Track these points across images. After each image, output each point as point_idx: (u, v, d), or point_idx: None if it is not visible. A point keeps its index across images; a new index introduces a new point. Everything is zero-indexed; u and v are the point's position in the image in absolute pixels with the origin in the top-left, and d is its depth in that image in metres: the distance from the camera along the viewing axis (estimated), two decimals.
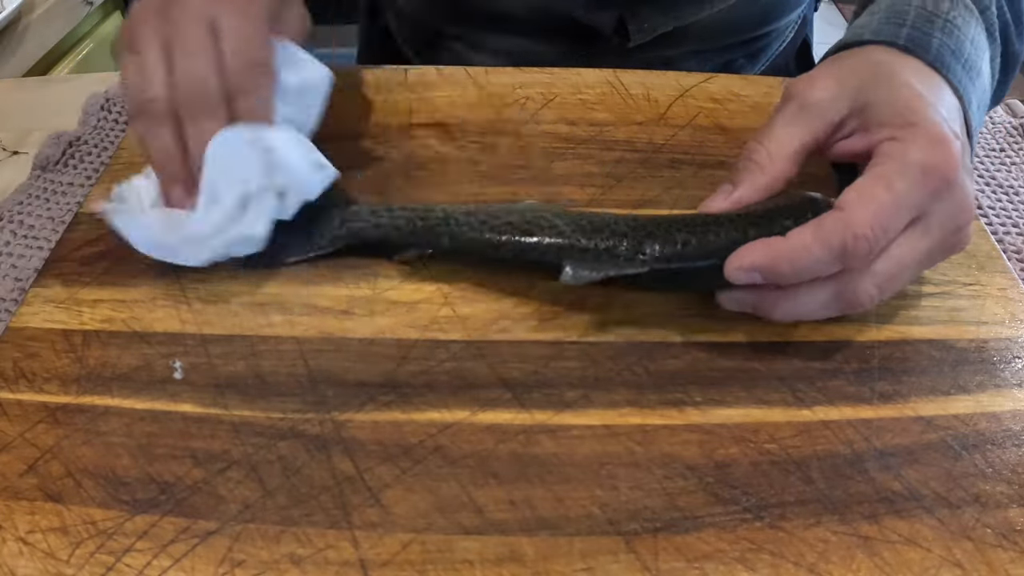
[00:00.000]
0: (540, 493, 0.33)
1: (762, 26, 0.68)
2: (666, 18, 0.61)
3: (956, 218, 0.36)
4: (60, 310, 0.40)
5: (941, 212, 0.35)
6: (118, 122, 0.53)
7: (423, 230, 0.40)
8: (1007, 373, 0.37)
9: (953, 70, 0.38)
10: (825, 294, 0.35)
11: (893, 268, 0.35)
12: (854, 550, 0.31)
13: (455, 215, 0.40)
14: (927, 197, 0.34)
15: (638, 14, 0.60)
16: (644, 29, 0.61)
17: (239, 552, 0.31)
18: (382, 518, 0.32)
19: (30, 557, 0.30)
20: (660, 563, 0.30)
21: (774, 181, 0.38)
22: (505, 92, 0.53)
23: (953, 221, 0.36)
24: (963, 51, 0.39)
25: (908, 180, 0.34)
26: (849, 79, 0.38)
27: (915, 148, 0.35)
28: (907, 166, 0.34)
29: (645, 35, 0.61)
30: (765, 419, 0.35)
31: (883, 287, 0.35)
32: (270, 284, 0.41)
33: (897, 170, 0.34)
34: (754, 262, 0.34)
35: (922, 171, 0.34)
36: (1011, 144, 0.52)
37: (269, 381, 0.37)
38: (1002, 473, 0.33)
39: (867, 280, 0.35)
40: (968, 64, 0.39)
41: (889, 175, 0.34)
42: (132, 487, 0.33)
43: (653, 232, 0.37)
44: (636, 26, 0.61)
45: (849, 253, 0.33)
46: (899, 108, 0.36)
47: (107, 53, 1.22)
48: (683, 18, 0.62)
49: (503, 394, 0.36)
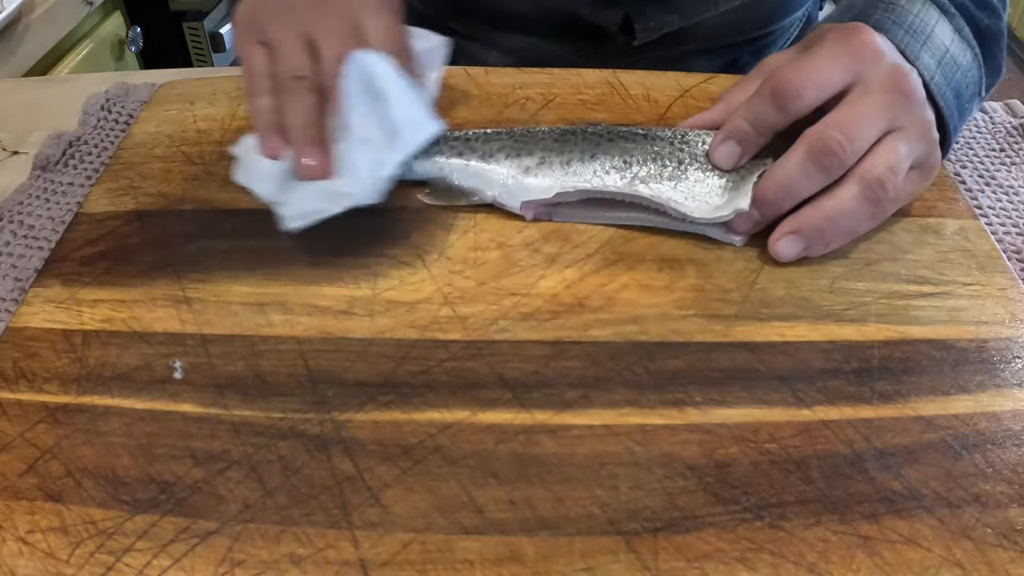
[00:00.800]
0: (540, 493, 0.33)
1: (768, 25, 0.68)
2: (671, 17, 0.61)
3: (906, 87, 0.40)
4: (60, 310, 0.40)
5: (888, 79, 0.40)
6: (118, 122, 0.53)
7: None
8: (1007, 373, 0.37)
9: (893, 32, 0.42)
10: (849, 189, 0.40)
11: (888, 156, 0.40)
12: (854, 550, 0.31)
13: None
14: (852, 62, 0.40)
15: (643, 13, 0.61)
16: (650, 28, 0.62)
17: (239, 552, 0.31)
18: (382, 518, 0.32)
19: (30, 557, 0.30)
20: (660, 563, 0.30)
21: (730, 105, 0.45)
22: (505, 92, 0.53)
23: (906, 91, 0.40)
24: (905, 20, 0.43)
25: (827, 47, 0.41)
26: (798, 46, 0.45)
27: (830, 33, 0.41)
28: (823, 41, 0.41)
29: (651, 34, 0.62)
30: (765, 419, 0.35)
31: (889, 166, 0.40)
32: (270, 284, 0.41)
33: (815, 43, 0.41)
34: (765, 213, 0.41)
35: (835, 41, 0.41)
36: (1011, 144, 0.52)
37: (269, 381, 0.37)
38: (1002, 473, 0.33)
39: (874, 163, 0.40)
40: (912, 29, 0.43)
41: (809, 44, 0.42)
42: (132, 487, 0.33)
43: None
44: (642, 24, 0.61)
45: (776, 92, 0.40)
46: (832, 35, 0.42)
47: (107, 53, 1.22)
48: (689, 17, 0.62)
49: (503, 394, 0.36)
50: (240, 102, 0.53)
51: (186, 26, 1.42)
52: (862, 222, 0.41)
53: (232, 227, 0.44)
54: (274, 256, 0.42)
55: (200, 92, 0.54)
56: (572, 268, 0.42)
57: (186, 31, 1.42)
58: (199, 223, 0.45)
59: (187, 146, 0.50)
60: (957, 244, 0.43)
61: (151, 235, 0.44)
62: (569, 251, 0.43)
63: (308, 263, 0.42)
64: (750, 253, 0.42)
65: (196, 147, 0.50)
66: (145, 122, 0.52)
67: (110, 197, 0.46)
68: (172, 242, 0.43)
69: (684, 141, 0.44)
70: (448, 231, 0.44)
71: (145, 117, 0.53)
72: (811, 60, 0.40)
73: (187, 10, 1.43)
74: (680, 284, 0.41)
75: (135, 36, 1.28)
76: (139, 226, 0.45)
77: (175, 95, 0.54)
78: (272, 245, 0.43)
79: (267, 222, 0.41)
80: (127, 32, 1.27)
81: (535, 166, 0.44)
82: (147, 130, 0.52)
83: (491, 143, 0.46)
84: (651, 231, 0.44)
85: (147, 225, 0.45)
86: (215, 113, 0.53)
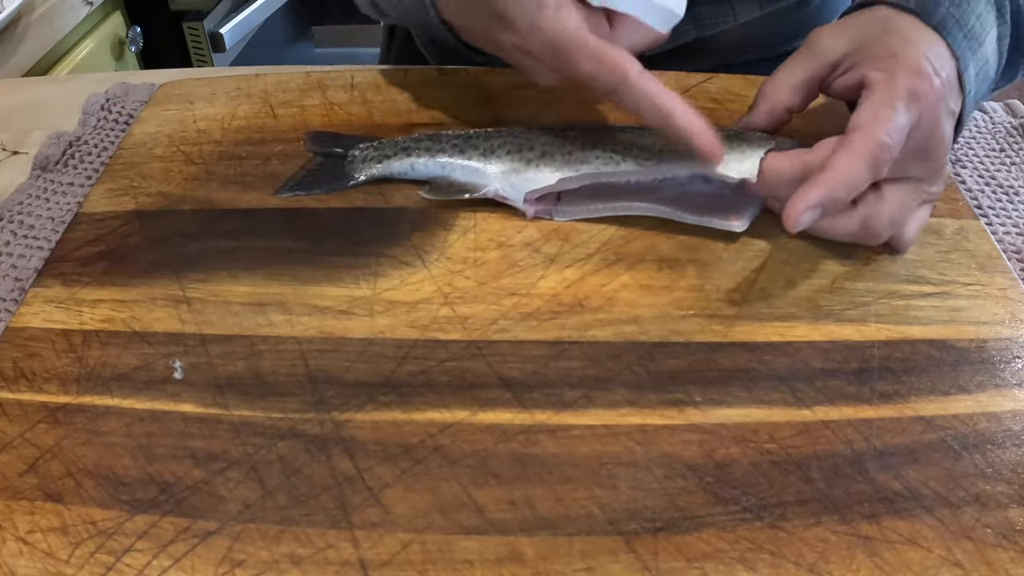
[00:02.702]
0: (540, 493, 0.33)
1: (792, 41, 0.65)
2: (686, 27, 0.60)
3: (938, 155, 0.40)
4: (60, 310, 0.40)
5: (925, 142, 0.40)
6: (118, 122, 0.53)
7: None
8: (1007, 373, 0.37)
9: (953, 35, 0.41)
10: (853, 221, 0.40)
11: (901, 194, 0.40)
12: (854, 550, 0.31)
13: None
14: (915, 121, 0.39)
15: None
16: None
17: (239, 552, 0.31)
18: (382, 518, 0.32)
19: (30, 557, 0.30)
20: (660, 563, 0.30)
21: (775, 107, 0.44)
22: (505, 92, 0.53)
23: (936, 157, 0.40)
24: (967, 22, 0.42)
25: (901, 101, 0.38)
26: (851, 28, 0.43)
27: (900, 76, 0.39)
28: (896, 90, 0.39)
29: (665, 44, 0.61)
30: (765, 419, 0.35)
31: (895, 215, 0.40)
32: (270, 284, 0.41)
33: (890, 93, 0.39)
34: (810, 201, 0.38)
35: (908, 95, 0.39)
36: (1011, 144, 0.52)
37: (269, 381, 0.37)
38: (1002, 473, 0.33)
39: (885, 207, 0.40)
40: (971, 35, 0.42)
41: (886, 96, 0.39)
42: (132, 487, 0.33)
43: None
44: None
45: (878, 161, 0.38)
46: (887, 46, 0.40)
47: (107, 53, 1.22)
48: (705, 28, 0.60)
49: (503, 394, 0.36)
50: (240, 102, 0.53)
51: (186, 26, 1.42)
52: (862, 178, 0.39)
53: (232, 227, 0.44)
54: (274, 256, 0.42)
55: (200, 92, 0.55)
56: (572, 268, 0.42)
57: (186, 31, 1.42)
58: (199, 223, 0.45)
59: (187, 146, 0.50)
60: (957, 244, 0.43)
61: (151, 235, 0.44)
62: (569, 251, 0.43)
63: (308, 263, 0.42)
64: (750, 253, 0.42)
65: (196, 147, 0.50)
66: (145, 122, 0.52)
67: (110, 197, 0.46)
68: (172, 242, 0.43)
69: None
70: (448, 231, 0.44)
71: (145, 117, 0.53)
72: (896, 119, 0.38)
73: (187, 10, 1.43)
74: (680, 284, 0.41)
75: (135, 36, 1.28)
76: (139, 226, 0.45)
77: (175, 95, 0.54)
78: (272, 245, 0.43)
79: (267, 222, 0.41)
80: (127, 32, 1.27)
81: (536, 158, 0.45)
82: (147, 130, 0.52)
83: (491, 140, 0.46)
84: (651, 231, 0.44)
85: (147, 225, 0.45)
86: (215, 113, 0.53)
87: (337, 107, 0.53)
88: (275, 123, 0.52)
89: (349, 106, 0.53)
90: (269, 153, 0.49)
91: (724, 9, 0.60)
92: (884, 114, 0.38)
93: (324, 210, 0.45)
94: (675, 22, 0.43)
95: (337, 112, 0.52)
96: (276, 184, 0.47)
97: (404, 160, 0.46)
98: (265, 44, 1.67)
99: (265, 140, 0.50)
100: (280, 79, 0.55)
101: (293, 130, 0.51)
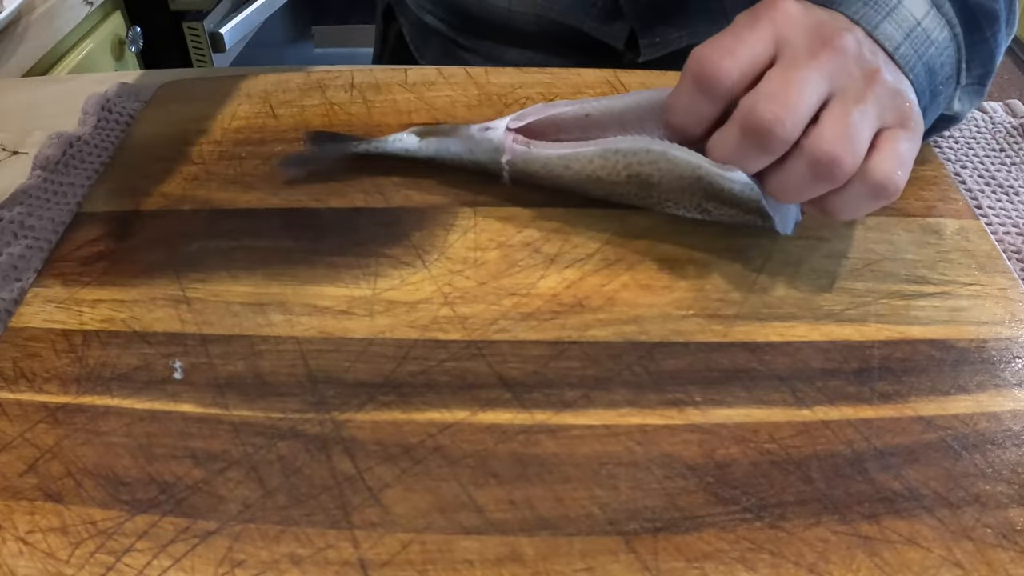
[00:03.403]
0: (540, 493, 0.33)
1: None
2: (679, 33, 0.59)
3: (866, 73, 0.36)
4: (60, 310, 0.40)
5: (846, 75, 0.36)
6: (118, 122, 0.53)
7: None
8: (1007, 373, 0.37)
9: (847, 4, 0.38)
10: (796, 167, 0.36)
11: (835, 125, 0.35)
12: (854, 550, 0.31)
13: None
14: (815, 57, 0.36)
15: (650, 28, 0.59)
16: (656, 44, 0.60)
17: (239, 552, 0.31)
18: (382, 518, 0.32)
19: (30, 557, 0.30)
20: (660, 563, 0.30)
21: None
22: (505, 92, 0.53)
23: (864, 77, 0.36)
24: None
25: (800, 58, 0.36)
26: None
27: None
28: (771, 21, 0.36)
29: (656, 50, 0.60)
30: (765, 419, 0.35)
31: (838, 136, 0.35)
32: (270, 284, 0.41)
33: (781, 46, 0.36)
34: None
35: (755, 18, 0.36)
36: (1011, 144, 0.52)
37: (269, 381, 0.37)
38: (1002, 473, 0.33)
39: (820, 138, 0.35)
40: (874, 1, 0.38)
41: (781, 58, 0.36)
42: (132, 487, 0.33)
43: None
44: (648, 40, 0.60)
45: (757, 128, 0.35)
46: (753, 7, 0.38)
47: (107, 53, 1.22)
48: (698, 35, 0.60)
49: (503, 394, 0.36)
50: (240, 102, 0.53)
51: (186, 26, 1.42)
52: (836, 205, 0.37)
53: (232, 227, 0.44)
54: (274, 256, 0.42)
55: (200, 92, 0.55)
56: (572, 268, 0.42)
57: (186, 31, 1.42)
58: (199, 223, 0.45)
59: (187, 146, 0.50)
60: (957, 244, 0.43)
61: (151, 235, 0.44)
62: (569, 251, 0.43)
63: (308, 263, 0.42)
64: (750, 253, 0.42)
65: (196, 147, 0.50)
66: (145, 122, 0.52)
67: (110, 197, 0.46)
68: (172, 242, 0.43)
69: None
70: (448, 231, 0.44)
71: (145, 117, 0.53)
72: (728, 36, 0.37)
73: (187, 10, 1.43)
74: (680, 284, 0.41)
75: (135, 36, 1.28)
76: (139, 226, 0.45)
77: (175, 95, 0.54)
78: (272, 245, 0.43)
79: (267, 222, 0.41)
80: (127, 32, 1.27)
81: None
82: (147, 130, 0.51)
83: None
84: (651, 231, 0.44)
85: (147, 225, 0.45)
86: (215, 113, 0.53)
87: (337, 107, 0.53)
88: (275, 123, 0.52)
89: (349, 106, 0.53)
90: (269, 153, 0.49)
91: (718, 16, 0.60)
92: (716, 36, 0.37)
93: (324, 210, 0.45)
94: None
95: (337, 112, 0.52)
96: (276, 184, 0.47)
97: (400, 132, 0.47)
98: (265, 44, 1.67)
99: (265, 140, 0.50)
100: (280, 79, 0.55)
101: (293, 130, 0.51)
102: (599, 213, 0.45)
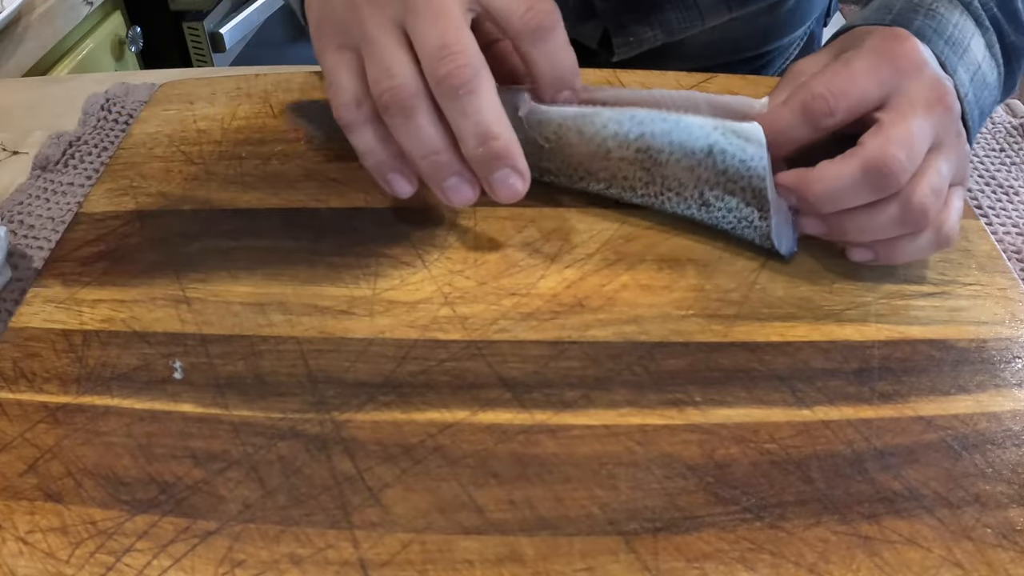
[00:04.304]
0: (540, 493, 0.33)
1: (763, 44, 0.65)
2: (654, 32, 0.59)
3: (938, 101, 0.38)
4: (60, 310, 0.40)
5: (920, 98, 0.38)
6: (118, 122, 0.53)
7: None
8: (1007, 373, 0.37)
9: (934, 42, 0.40)
10: (889, 211, 0.37)
11: (933, 178, 0.37)
12: (854, 550, 0.31)
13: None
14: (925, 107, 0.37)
15: (623, 27, 0.58)
16: (629, 43, 0.59)
17: (239, 552, 0.31)
18: (382, 518, 0.32)
19: (30, 557, 0.30)
20: (660, 563, 0.30)
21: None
22: None
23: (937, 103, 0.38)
24: (945, 30, 0.41)
25: (917, 109, 0.37)
26: (830, 49, 0.42)
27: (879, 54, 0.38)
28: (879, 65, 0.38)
29: (631, 49, 0.59)
30: (765, 419, 0.35)
31: (933, 190, 0.37)
32: (270, 284, 0.41)
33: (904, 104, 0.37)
34: (786, 182, 0.38)
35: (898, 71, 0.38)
36: (1011, 144, 0.52)
37: (269, 381, 0.37)
38: (1002, 473, 0.33)
39: (919, 189, 0.36)
40: (951, 41, 0.41)
41: (900, 110, 0.37)
42: (132, 487, 0.33)
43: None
44: (621, 39, 0.59)
45: (882, 170, 0.36)
46: (872, 42, 0.39)
47: (107, 53, 1.22)
48: (673, 33, 0.59)
49: (503, 394, 0.36)
50: (240, 102, 0.53)
51: (186, 26, 1.42)
52: (904, 249, 0.39)
53: (232, 227, 0.44)
54: (274, 256, 0.42)
55: (200, 92, 0.55)
56: (572, 268, 0.42)
57: (186, 31, 1.42)
58: (199, 223, 0.45)
59: (187, 146, 0.50)
60: (957, 244, 0.43)
61: (151, 235, 0.44)
62: (569, 251, 0.43)
63: (308, 263, 0.42)
64: (750, 253, 0.42)
65: (196, 147, 0.50)
66: (145, 122, 0.52)
67: (110, 197, 0.46)
68: (172, 242, 0.43)
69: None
70: (448, 231, 0.44)
71: (145, 117, 0.53)
72: (847, 71, 0.37)
73: (187, 10, 1.43)
74: (680, 284, 0.41)
75: (135, 36, 1.28)
76: (139, 226, 0.45)
77: (175, 95, 0.54)
78: (272, 245, 0.43)
79: (267, 222, 0.41)
80: (127, 32, 1.27)
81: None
82: (147, 130, 0.52)
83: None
84: (651, 231, 0.44)
85: (147, 225, 0.45)
86: (215, 113, 0.53)
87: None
88: (275, 123, 0.52)
89: None
90: (269, 153, 0.49)
91: (692, 14, 0.59)
92: (835, 68, 0.38)
93: (324, 210, 0.45)
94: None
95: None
96: (276, 184, 0.47)
97: None
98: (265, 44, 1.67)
99: (265, 140, 0.50)
100: (280, 79, 0.55)
101: (293, 130, 0.51)
102: (599, 213, 0.45)
